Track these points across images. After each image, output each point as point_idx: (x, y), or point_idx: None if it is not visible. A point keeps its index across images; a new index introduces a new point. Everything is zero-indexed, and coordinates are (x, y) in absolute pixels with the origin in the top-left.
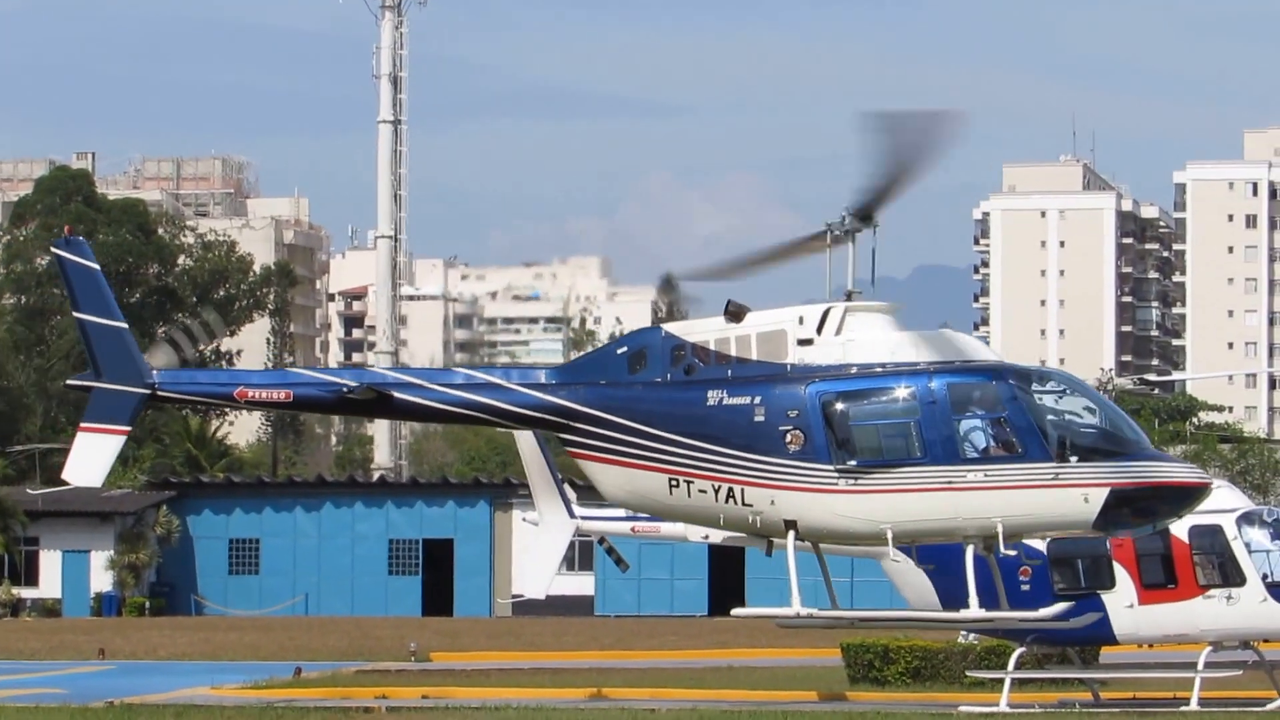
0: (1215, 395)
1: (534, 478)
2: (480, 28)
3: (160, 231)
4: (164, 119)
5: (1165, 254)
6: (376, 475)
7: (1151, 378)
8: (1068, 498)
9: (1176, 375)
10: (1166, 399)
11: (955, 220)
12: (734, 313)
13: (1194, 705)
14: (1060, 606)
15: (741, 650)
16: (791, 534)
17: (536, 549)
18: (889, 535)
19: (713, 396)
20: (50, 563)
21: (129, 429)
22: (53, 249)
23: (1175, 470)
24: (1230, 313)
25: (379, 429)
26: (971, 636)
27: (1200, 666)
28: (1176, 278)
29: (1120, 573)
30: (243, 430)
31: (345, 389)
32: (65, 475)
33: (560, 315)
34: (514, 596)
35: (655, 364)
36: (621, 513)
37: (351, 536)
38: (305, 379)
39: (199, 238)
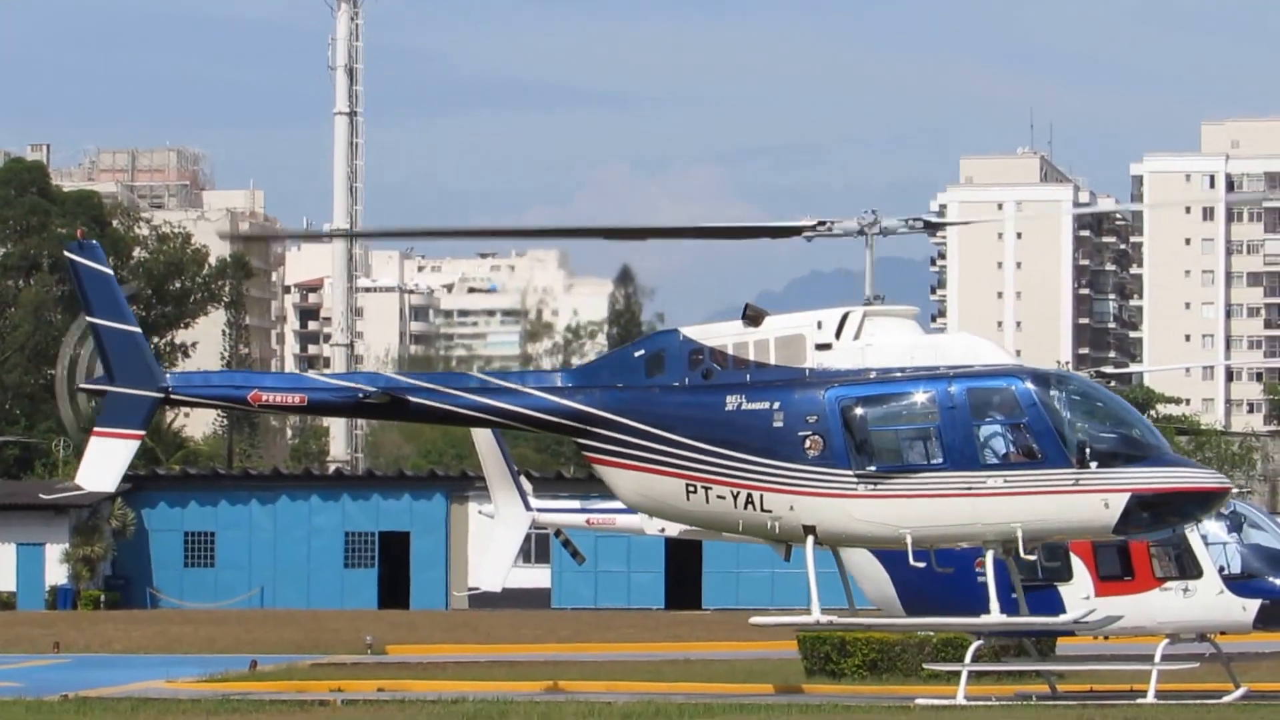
0: (1172, 387)
1: (490, 470)
2: (437, 20)
3: (115, 224)
4: (119, 110)
5: (1122, 246)
6: (332, 468)
7: (1108, 370)
8: (1088, 503)
9: (1133, 367)
10: (1123, 391)
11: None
12: (752, 317)
13: (1151, 697)
14: (1079, 611)
15: (698, 643)
16: (810, 539)
17: (493, 542)
18: (908, 540)
19: (731, 401)
20: (4, 555)
21: (143, 433)
22: (65, 253)
23: (1195, 475)
24: (1187, 305)
25: (334, 421)
26: None
27: (1157, 659)
28: (1134, 270)
29: (1077, 564)
30: (198, 423)
31: (361, 394)
32: (78, 480)
33: (518, 307)
34: (470, 589)
35: (673, 368)
36: (577, 505)
37: (307, 529)
38: (320, 384)
39: (154, 230)
